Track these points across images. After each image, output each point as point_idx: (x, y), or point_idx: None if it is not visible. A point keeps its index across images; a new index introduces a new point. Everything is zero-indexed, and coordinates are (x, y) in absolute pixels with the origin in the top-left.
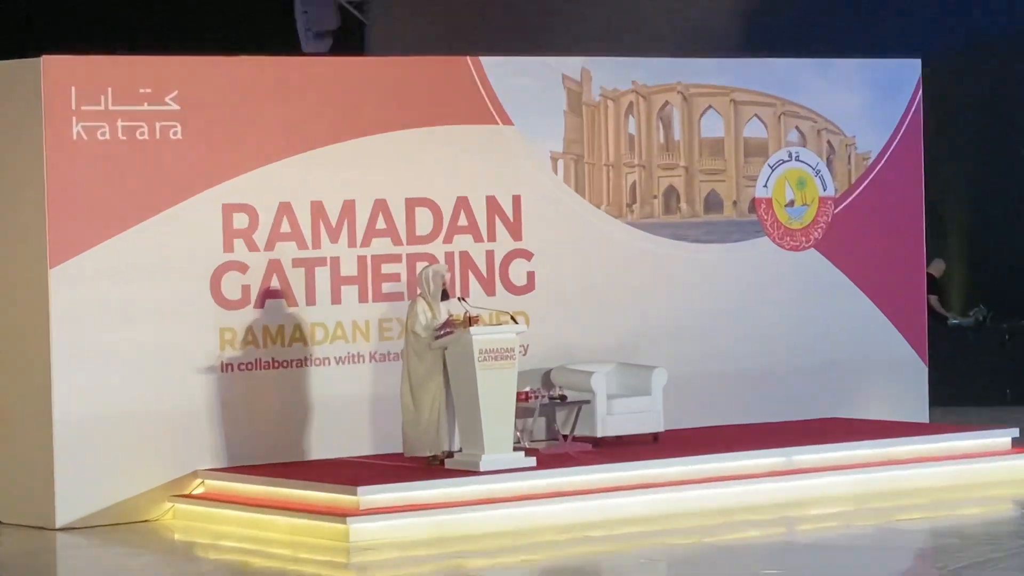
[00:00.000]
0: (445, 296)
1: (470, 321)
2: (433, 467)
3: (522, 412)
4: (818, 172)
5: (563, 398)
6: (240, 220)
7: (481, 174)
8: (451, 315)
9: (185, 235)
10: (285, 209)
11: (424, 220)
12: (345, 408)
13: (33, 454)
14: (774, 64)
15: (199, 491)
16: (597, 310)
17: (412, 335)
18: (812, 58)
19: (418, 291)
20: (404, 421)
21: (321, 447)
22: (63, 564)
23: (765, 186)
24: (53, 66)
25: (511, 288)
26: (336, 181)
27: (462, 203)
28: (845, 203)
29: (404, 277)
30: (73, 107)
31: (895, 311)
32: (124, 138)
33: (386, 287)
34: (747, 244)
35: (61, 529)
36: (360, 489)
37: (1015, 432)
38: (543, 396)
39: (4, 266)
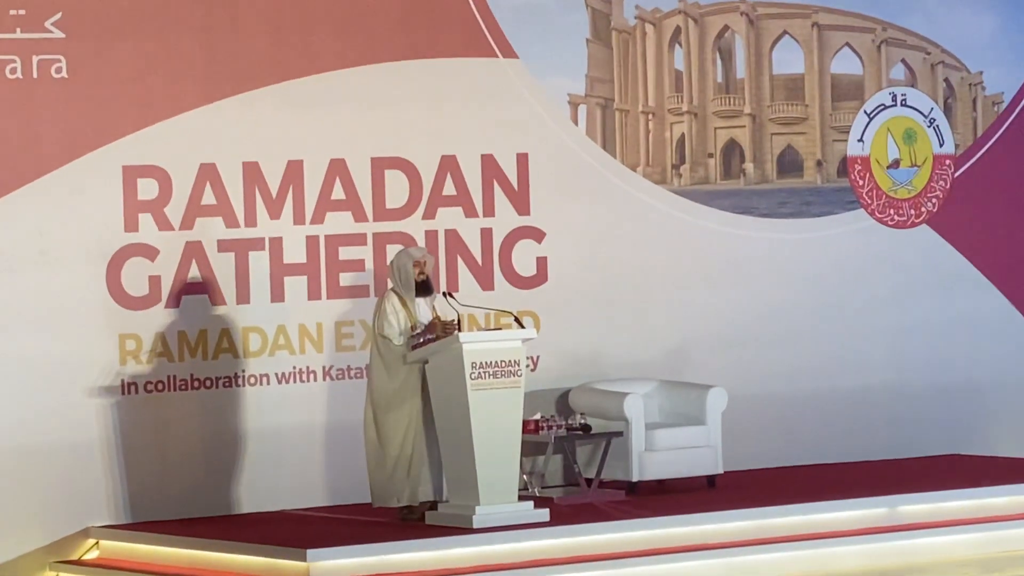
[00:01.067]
0: (425, 289)
1: (458, 325)
2: (409, 523)
3: (531, 448)
4: (932, 122)
5: (586, 429)
6: (147, 188)
7: (475, 125)
8: (436, 316)
9: (73, 209)
10: (208, 173)
11: (397, 188)
12: (291, 443)
13: None
14: None
15: (92, 555)
16: (632, 309)
17: (380, 342)
18: None
19: (389, 284)
20: (368, 460)
21: (258, 496)
22: None
23: (860, 140)
24: None
25: (515, 280)
26: (278, 135)
27: (448, 164)
28: (969, 163)
29: (370, 264)
30: None
31: None
32: None
33: (346, 278)
34: (836, 219)
35: None
36: (311, 553)
37: None
38: (559, 426)
39: None
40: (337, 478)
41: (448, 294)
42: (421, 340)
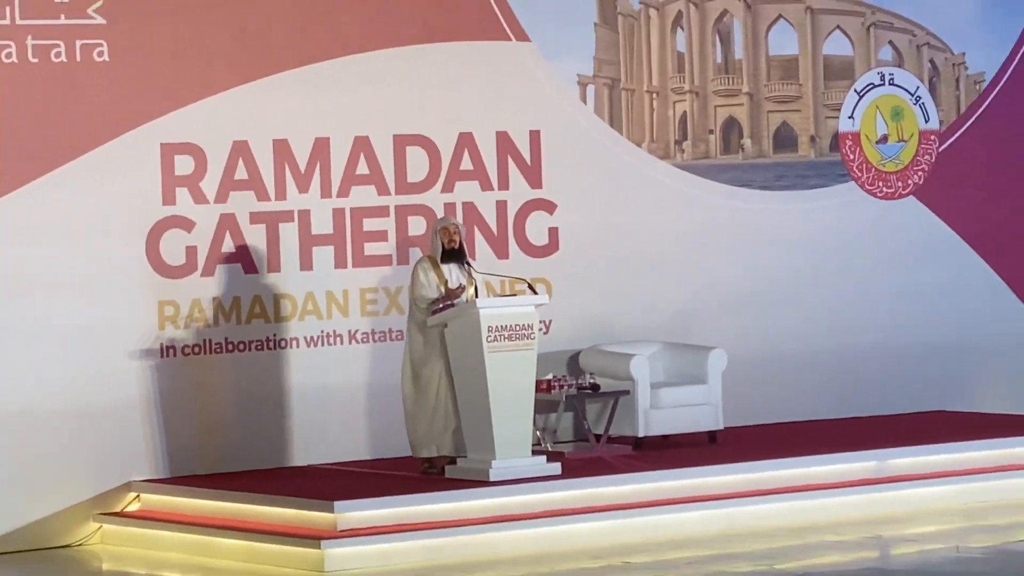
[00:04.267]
0: (453, 256)
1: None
2: (430, 476)
3: (544, 406)
4: (918, 100)
5: (595, 388)
6: (183, 164)
7: (490, 104)
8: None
9: (114, 184)
10: (240, 149)
11: (418, 163)
12: (321, 402)
13: None
14: None
15: (134, 508)
16: (638, 276)
17: (413, 307)
18: None
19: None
20: (405, 413)
21: (290, 452)
22: None
23: (851, 117)
24: None
25: (528, 248)
26: (306, 114)
27: (465, 141)
28: (953, 139)
29: (392, 236)
30: None
31: (1018, 276)
32: (36, 60)
33: (370, 248)
34: (828, 192)
35: None
36: (338, 504)
37: None
38: (570, 386)
39: None
40: (365, 435)
41: (466, 262)
42: (441, 306)
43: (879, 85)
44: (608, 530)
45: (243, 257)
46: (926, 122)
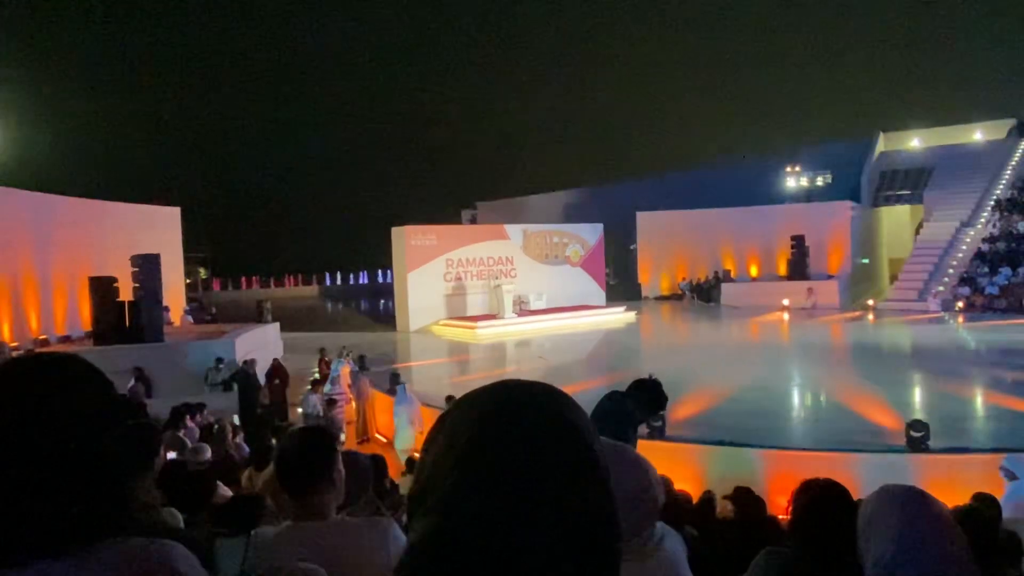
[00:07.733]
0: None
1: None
2: (498, 319)
3: (515, 306)
4: (579, 252)
5: (525, 304)
6: (450, 265)
7: (504, 250)
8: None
9: (437, 268)
10: (451, 263)
11: (493, 268)
12: (481, 308)
13: (403, 326)
14: (563, 226)
15: (439, 324)
16: (538, 286)
17: (492, 290)
18: (582, 223)
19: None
20: (488, 309)
21: (471, 313)
22: (412, 345)
23: (568, 253)
24: (407, 231)
25: (513, 277)
26: (466, 256)
27: (500, 260)
28: (584, 257)
29: (489, 286)
30: (412, 239)
31: (598, 280)
32: (426, 244)
33: (483, 290)
34: (568, 268)
35: (412, 332)
36: (479, 321)
37: (625, 307)
38: (520, 302)
39: (398, 270)
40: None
41: (499, 286)
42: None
43: (572, 246)
44: (526, 331)
45: (460, 286)
46: (582, 253)
